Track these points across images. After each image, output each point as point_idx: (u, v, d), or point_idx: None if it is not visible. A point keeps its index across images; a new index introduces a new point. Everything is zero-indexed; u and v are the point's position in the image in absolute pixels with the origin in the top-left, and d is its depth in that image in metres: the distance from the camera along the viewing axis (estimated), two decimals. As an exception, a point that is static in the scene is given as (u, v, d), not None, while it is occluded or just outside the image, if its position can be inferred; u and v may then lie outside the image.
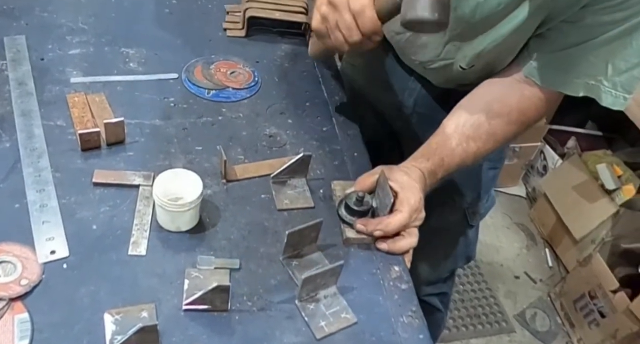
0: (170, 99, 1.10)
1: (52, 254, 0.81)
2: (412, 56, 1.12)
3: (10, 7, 1.25)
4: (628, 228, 2.12)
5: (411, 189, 0.93)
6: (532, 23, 0.92)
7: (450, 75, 1.09)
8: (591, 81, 0.90)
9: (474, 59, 1.02)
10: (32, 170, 0.92)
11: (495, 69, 1.04)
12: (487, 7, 0.91)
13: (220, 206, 0.92)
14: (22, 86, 1.07)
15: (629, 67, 0.87)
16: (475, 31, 0.97)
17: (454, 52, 1.03)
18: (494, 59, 1.02)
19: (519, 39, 0.97)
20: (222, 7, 1.37)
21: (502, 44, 0.97)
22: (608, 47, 0.87)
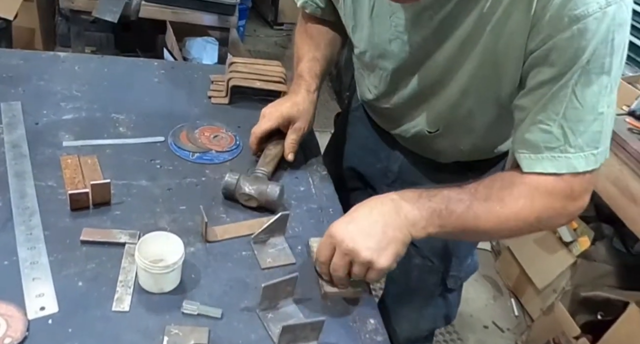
0: (157, 161, 1.11)
1: (41, 310, 0.79)
2: (390, 128, 1.18)
3: (10, 75, 1.27)
4: (586, 277, 2.14)
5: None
6: (480, 85, 0.93)
7: (425, 143, 1.12)
8: (556, 154, 0.84)
9: (436, 122, 1.04)
10: (24, 228, 0.91)
11: (465, 135, 1.06)
12: (429, 72, 0.97)
13: (202, 263, 0.92)
14: (16, 148, 1.07)
15: (586, 127, 0.82)
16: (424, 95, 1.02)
17: (419, 118, 1.07)
18: (456, 123, 1.04)
19: (474, 102, 0.97)
20: (207, 77, 1.40)
21: (457, 106, 0.99)
22: (559, 112, 0.82)
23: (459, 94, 0.96)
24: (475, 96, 0.96)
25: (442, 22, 0.90)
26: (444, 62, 0.94)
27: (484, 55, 0.88)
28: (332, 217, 1.07)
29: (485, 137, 1.09)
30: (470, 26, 0.87)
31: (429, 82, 1.00)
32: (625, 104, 2.01)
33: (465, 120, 1.02)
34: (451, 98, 0.98)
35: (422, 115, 1.07)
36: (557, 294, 2.17)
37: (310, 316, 0.86)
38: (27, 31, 2.96)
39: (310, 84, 1.15)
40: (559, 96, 0.82)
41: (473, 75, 0.92)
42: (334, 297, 0.91)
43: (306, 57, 1.18)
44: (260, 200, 1.02)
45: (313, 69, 1.16)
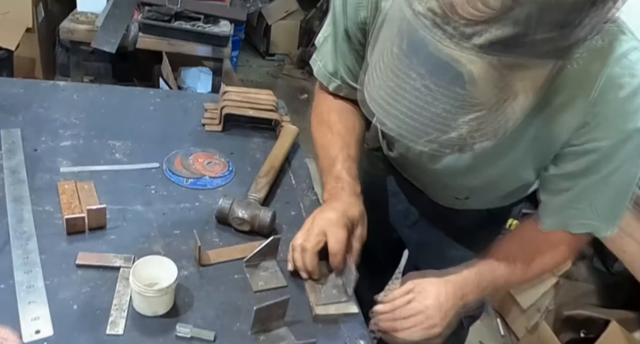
0: (152, 187, 1.10)
1: (37, 334, 0.78)
2: (415, 182, 1.16)
3: (10, 103, 1.26)
4: (568, 296, 2.14)
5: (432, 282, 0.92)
6: (517, 170, 0.92)
7: (449, 200, 1.12)
8: (584, 221, 0.89)
9: (466, 193, 1.04)
10: (21, 252, 0.90)
11: (492, 199, 1.07)
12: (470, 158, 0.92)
13: (196, 287, 0.91)
14: (15, 173, 1.06)
15: (608, 203, 0.86)
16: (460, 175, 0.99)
17: (449, 187, 1.06)
18: (486, 194, 1.04)
19: (508, 183, 0.98)
20: (201, 105, 1.41)
21: (491, 183, 0.98)
22: (592, 200, 0.86)
23: (491, 173, 0.94)
24: (507, 176, 0.95)
25: None
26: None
27: (524, 143, 0.85)
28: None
29: (509, 196, 1.10)
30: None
31: (460, 159, 0.95)
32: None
33: (495, 189, 1.04)
34: (487, 178, 0.96)
35: (450, 186, 1.05)
36: (541, 313, 2.16)
37: (301, 338, 0.85)
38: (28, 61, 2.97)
39: (355, 186, 1.01)
40: (594, 187, 0.84)
41: (509, 159, 0.89)
42: (325, 319, 0.90)
43: (340, 157, 1.03)
44: (252, 224, 1.01)
45: (352, 170, 1.02)
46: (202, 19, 2.40)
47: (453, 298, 0.91)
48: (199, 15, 2.40)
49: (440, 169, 0.99)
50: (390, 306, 0.92)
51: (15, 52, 2.66)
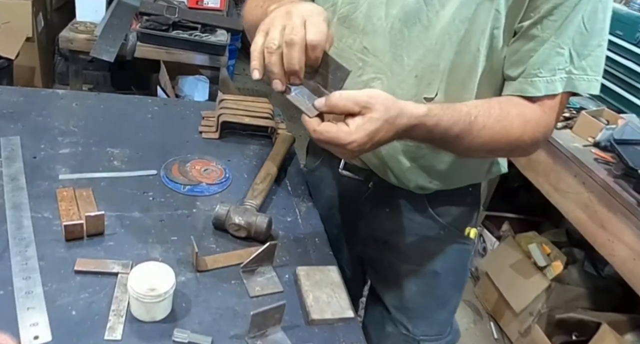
0: (149, 194, 1.10)
1: (35, 339, 0.77)
2: None
3: (10, 111, 1.26)
4: (560, 300, 2.14)
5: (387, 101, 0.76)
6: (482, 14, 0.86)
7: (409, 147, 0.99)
8: (563, 75, 0.87)
9: (435, 78, 0.91)
10: (19, 258, 0.89)
11: (464, 99, 0.92)
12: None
13: (193, 293, 0.90)
14: (14, 181, 1.06)
15: (590, 51, 0.86)
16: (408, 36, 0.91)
17: (416, 81, 0.93)
18: (457, 78, 0.92)
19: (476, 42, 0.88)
20: (199, 113, 1.41)
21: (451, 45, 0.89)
22: (570, 36, 0.85)
23: (470, 36, 0.88)
24: (485, 36, 0.88)
25: None
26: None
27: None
28: (319, 246, 1.06)
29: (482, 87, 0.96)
30: None
31: (435, 28, 0.89)
32: (590, 135, 2.05)
33: (468, 75, 0.92)
34: (460, 43, 0.89)
35: (421, 75, 0.92)
36: (534, 316, 2.16)
37: (298, 343, 0.85)
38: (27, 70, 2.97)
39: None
40: (572, 21, 0.83)
41: (486, 8, 0.86)
42: (322, 324, 0.90)
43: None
44: (249, 230, 1.01)
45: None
46: (199, 28, 2.40)
47: (387, 140, 0.78)
48: (196, 25, 2.40)
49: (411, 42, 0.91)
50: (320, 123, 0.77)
51: (15, 61, 2.66)
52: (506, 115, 0.87)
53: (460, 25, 0.87)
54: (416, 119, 0.79)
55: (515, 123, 0.88)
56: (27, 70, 2.97)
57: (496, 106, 0.88)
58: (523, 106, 0.89)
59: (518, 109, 0.89)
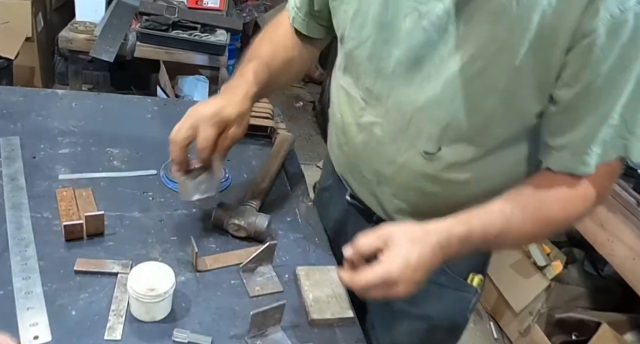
0: (149, 194, 1.10)
1: (35, 339, 0.77)
2: (365, 169, 0.97)
3: (10, 111, 1.26)
4: (560, 299, 2.14)
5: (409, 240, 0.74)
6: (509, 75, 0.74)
7: (414, 182, 0.90)
8: (618, 141, 0.75)
9: (439, 136, 0.83)
10: (19, 258, 0.89)
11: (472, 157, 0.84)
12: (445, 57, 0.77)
13: (193, 292, 0.90)
14: (14, 181, 1.06)
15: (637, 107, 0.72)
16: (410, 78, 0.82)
17: (417, 131, 0.85)
18: (464, 135, 0.82)
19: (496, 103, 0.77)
20: (199, 113, 1.40)
21: (473, 109, 0.78)
22: (618, 106, 0.72)
23: (483, 94, 0.77)
24: (503, 97, 0.76)
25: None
26: (468, 47, 0.74)
27: (521, 38, 0.70)
28: (318, 246, 1.06)
29: (491, 172, 0.88)
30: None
31: (440, 77, 0.79)
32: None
33: (478, 134, 0.82)
34: (470, 99, 0.78)
35: (422, 127, 0.84)
36: (534, 316, 2.16)
37: (298, 343, 0.85)
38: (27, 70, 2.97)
39: (251, 87, 0.93)
40: (626, 91, 0.70)
41: (505, 66, 0.73)
42: (321, 324, 0.90)
43: (259, 59, 0.98)
44: (249, 230, 1.01)
45: (260, 74, 0.95)
46: (199, 28, 2.40)
47: (428, 259, 0.74)
48: (196, 25, 2.40)
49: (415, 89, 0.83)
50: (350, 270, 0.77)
51: (15, 61, 2.65)
52: (543, 202, 0.79)
53: (470, 80, 0.76)
54: (446, 231, 0.75)
55: (554, 208, 0.79)
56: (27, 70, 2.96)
57: (530, 195, 0.79)
58: (563, 184, 0.79)
59: (556, 191, 0.79)
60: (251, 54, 1.01)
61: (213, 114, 0.88)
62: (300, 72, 1.10)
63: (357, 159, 0.98)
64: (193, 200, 0.94)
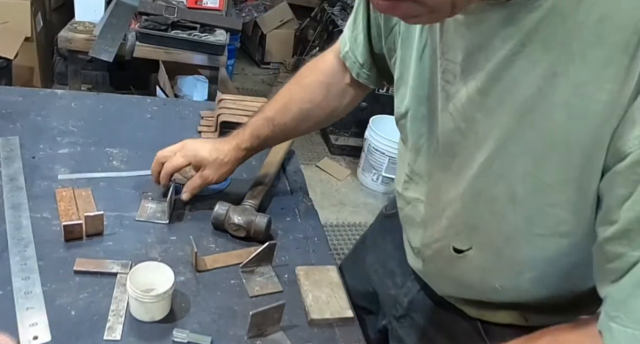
0: (149, 193, 1.10)
1: (34, 340, 0.77)
2: (410, 239, 0.88)
3: (9, 111, 1.26)
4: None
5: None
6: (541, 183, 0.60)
7: (447, 269, 0.80)
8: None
9: (468, 234, 0.72)
10: (19, 259, 0.89)
11: (504, 266, 0.72)
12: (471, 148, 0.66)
13: (192, 292, 0.90)
14: (13, 181, 1.05)
15: None
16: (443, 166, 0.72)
17: (448, 223, 0.75)
18: (496, 242, 0.70)
19: (528, 210, 0.63)
20: (198, 113, 1.41)
21: (503, 211, 0.65)
22: None
23: (505, 200, 0.64)
24: (527, 209, 0.63)
25: (496, 73, 0.59)
26: (489, 142, 0.62)
27: (547, 143, 0.57)
28: (318, 246, 1.06)
29: (532, 288, 0.73)
30: (532, 88, 0.56)
31: (469, 171, 0.67)
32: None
33: (507, 246, 0.69)
34: (493, 203, 0.66)
35: (451, 221, 0.74)
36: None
37: (297, 343, 0.85)
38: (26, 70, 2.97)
39: (244, 141, 1.01)
40: None
41: (527, 172, 0.60)
42: (321, 324, 0.90)
43: (266, 112, 1.00)
44: (248, 230, 1.01)
45: (260, 129, 1.00)
46: (198, 28, 2.40)
47: None
48: (195, 25, 2.40)
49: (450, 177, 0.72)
50: None
51: (14, 61, 2.65)
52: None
53: (491, 181, 0.64)
54: None
55: None
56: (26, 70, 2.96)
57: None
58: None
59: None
60: (266, 105, 1.05)
61: (193, 149, 1.02)
62: (348, 110, 1.02)
63: (407, 227, 0.90)
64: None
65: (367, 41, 0.88)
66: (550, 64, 0.53)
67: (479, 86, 0.61)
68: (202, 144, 1.04)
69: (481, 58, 0.60)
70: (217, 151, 1.01)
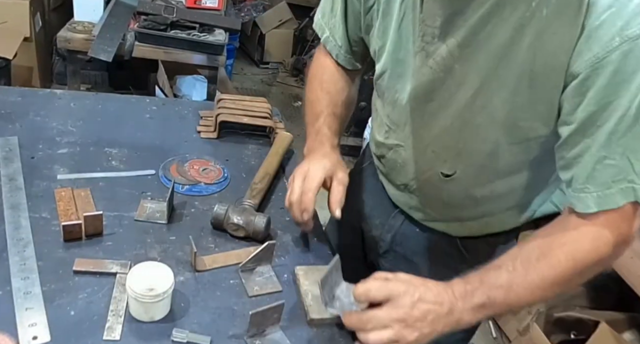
0: (148, 194, 1.10)
1: (34, 340, 0.77)
2: (396, 179, 1.04)
3: (8, 111, 1.26)
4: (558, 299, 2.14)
5: (407, 282, 0.78)
6: (512, 113, 0.79)
7: (433, 194, 0.97)
8: (624, 185, 0.73)
9: (454, 162, 0.90)
10: (18, 259, 0.89)
11: (484, 182, 0.91)
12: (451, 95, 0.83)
13: (192, 292, 0.90)
14: (12, 181, 1.05)
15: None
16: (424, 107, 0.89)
17: (434, 157, 0.93)
18: (477, 164, 0.89)
19: (503, 135, 0.83)
20: (197, 113, 1.41)
21: (482, 140, 0.85)
22: (623, 144, 0.71)
23: (487, 124, 0.82)
24: (506, 127, 0.81)
25: (474, 31, 0.77)
26: (473, 84, 0.80)
27: (519, 76, 0.75)
28: (317, 245, 1.06)
29: (507, 191, 0.93)
30: (505, 38, 0.74)
31: (450, 109, 0.85)
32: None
33: (489, 160, 0.88)
34: (477, 129, 0.84)
35: (438, 152, 0.92)
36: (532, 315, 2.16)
37: (296, 343, 0.85)
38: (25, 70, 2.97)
39: (332, 139, 1.04)
40: (620, 128, 0.70)
41: (505, 100, 0.78)
42: (320, 323, 0.90)
43: (325, 112, 1.07)
44: (247, 230, 1.01)
45: (333, 126, 1.06)
46: (197, 28, 2.40)
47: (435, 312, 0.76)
48: (194, 25, 2.40)
49: (429, 124, 0.90)
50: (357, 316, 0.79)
51: (13, 61, 2.65)
52: (548, 251, 0.78)
53: (475, 112, 0.83)
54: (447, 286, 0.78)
55: (560, 257, 0.77)
56: (25, 70, 2.96)
57: (535, 247, 0.79)
58: (570, 228, 0.78)
59: (562, 237, 0.78)
60: (314, 110, 1.09)
61: (315, 169, 0.97)
62: (356, 97, 1.16)
63: (390, 170, 1.07)
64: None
65: (344, 28, 1.03)
66: (518, 19, 0.72)
67: (459, 41, 0.78)
68: (314, 162, 0.99)
69: (459, 20, 0.77)
70: (329, 157, 1.00)
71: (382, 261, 1.15)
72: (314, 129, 1.05)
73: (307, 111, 1.10)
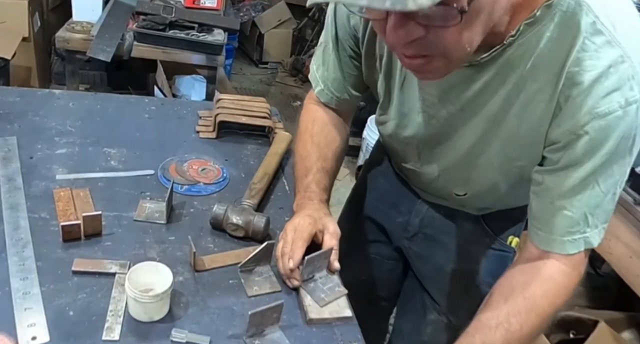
0: (147, 194, 1.10)
1: (33, 340, 0.77)
2: (415, 184, 1.15)
3: (6, 111, 1.26)
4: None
5: None
6: (505, 162, 0.91)
7: (450, 200, 1.08)
8: (577, 236, 0.84)
9: (464, 189, 1.01)
10: (17, 259, 0.89)
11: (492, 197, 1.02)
12: (457, 146, 0.94)
13: (191, 292, 0.90)
14: (11, 181, 1.05)
15: (603, 207, 0.83)
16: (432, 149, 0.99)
17: (447, 184, 1.03)
18: (484, 190, 1.00)
19: (500, 176, 0.94)
20: (196, 113, 1.41)
21: (484, 179, 0.96)
22: (581, 200, 0.81)
23: (488, 169, 0.94)
24: (502, 171, 0.93)
25: (470, 101, 0.87)
26: (472, 138, 0.91)
27: (509, 136, 0.87)
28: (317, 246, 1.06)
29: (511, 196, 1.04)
30: (496, 107, 0.85)
31: (454, 152, 0.96)
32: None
33: (492, 188, 0.99)
34: (479, 172, 0.95)
35: (448, 180, 1.03)
36: (531, 315, 2.17)
37: (296, 342, 0.85)
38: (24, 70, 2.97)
39: (321, 195, 1.06)
40: (583, 185, 0.80)
41: (498, 153, 0.90)
42: (319, 323, 0.90)
43: (314, 168, 1.08)
44: (247, 230, 1.01)
45: (322, 182, 1.08)
46: (196, 28, 2.40)
47: None
48: (193, 24, 2.40)
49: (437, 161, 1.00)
50: None
51: (12, 61, 2.65)
52: (532, 305, 0.85)
53: (475, 157, 0.93)
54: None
55: (544, 306, 0.86)
56: (24, 70, 2.96)
57: (520, 302, 0.86)
58: (547, 276, 0.87)
59: (539, 286, 0.86)
60: (304, 165, 1.09)
61: (304, 224, 0.97)
62: (347, 143, 1.18)
63: (408, 177, 1.16)
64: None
65: (342, 78, 1.07)
66: (507, 92, 0.83)
67: (457, 108, 0.89)
68: (303, 216, 0.99)
69: (454, 93, 0.87)
70: (317, 212, 1.01)
71: (410, 244, 1.21)
72: (302, 185, 1.07)
73: (297, 166, 1.11)
